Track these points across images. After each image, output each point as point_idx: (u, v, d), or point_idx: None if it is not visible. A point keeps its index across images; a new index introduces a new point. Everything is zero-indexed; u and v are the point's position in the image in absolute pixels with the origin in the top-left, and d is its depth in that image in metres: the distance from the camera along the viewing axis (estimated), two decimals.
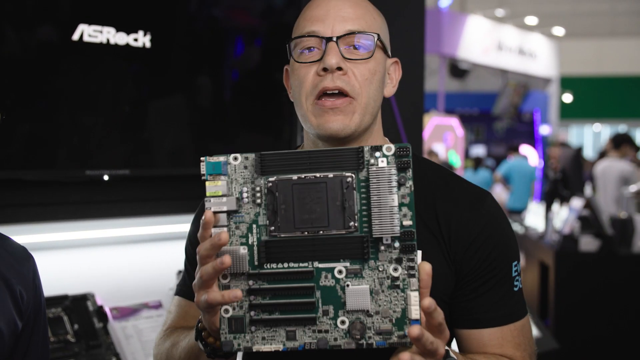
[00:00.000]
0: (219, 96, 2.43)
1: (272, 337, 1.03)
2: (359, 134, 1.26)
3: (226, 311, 1.04)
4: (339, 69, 1.21)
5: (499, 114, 14.09)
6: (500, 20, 14.16)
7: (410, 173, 1.03)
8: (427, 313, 1.00)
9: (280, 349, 1.03)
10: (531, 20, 15.10)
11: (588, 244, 4.51)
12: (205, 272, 1.02)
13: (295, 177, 1.03)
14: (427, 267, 1.01)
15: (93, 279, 2.15)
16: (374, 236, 1.02)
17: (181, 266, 2.30)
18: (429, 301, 0.99)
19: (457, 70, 12.44)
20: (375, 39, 1.24)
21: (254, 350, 1.03)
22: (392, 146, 1.02)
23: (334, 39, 1.22)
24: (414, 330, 0.97)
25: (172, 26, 2.29)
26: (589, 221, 4.64)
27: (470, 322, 1.25)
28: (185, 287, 1.37)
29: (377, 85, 1.25)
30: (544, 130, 14.68)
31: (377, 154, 1.03)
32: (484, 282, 1.24)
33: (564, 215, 5.15)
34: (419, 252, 1.14)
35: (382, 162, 1.03)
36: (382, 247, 1.03)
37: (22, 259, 1.29)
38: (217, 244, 1.00)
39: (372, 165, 1.02)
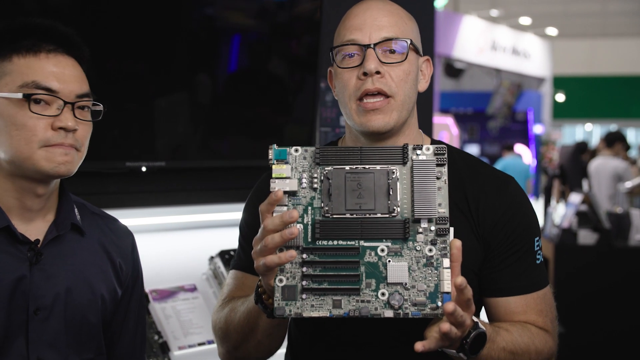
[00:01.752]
0: (251, 93, 2.57)
1: (320, 305, 1.17)
2: (398, 129, 1.41)
3: (280, 280, 1.18)
4: (378, 72, 1.37)
5: (493, 113, 14.26)
6: (495, 21, 14.34)
7: (445, 169, 1.20)
8: (459, 290, 1.15)
9: (327, 316, 1.17)
10: (525, 20, 15.29)
11: (586, 237, 4.69)
12: (272, 241, 1.15)
13: (347, 167, 1.20)
14: (457, 243, 1.18)
15: None
16: (415, 217, 1.18)
17: (213, 252, 2.47)
18: (461, 279, 1.15)
19: (452, 69, 12.59)
20: (408, 44, 1.40)
21: (304, 316, 1.17)
22: (431, 146, 1.21)
23: (372, 45, 1.37)
24: (449, 306, 1.13)
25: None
26: (587, 216, 4.81)
27: (498, 291, 1.41)
28: (240, 262, 1.51)
29: (411, 83, 1.41)
30: (537, 129, 14.87)
31: (419, 151, 1.21)
32: (509, 255, 1.40)
33: (562, 211, 5.32)
34: (452, 229, 1.33)
35: (423, 157, 1.20)
36: (420, 230, 1.19)
37: (123, 236, 1.50)
38: (288, 220, 1.15)
39: (415, 159, 1.20)
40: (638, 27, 17.04)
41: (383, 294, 1.17)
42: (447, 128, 11.45)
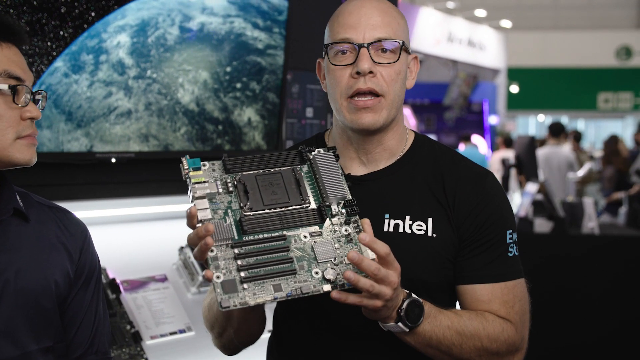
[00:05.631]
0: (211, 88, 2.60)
1: (262, 291, 1.22)
2: (386, 126, 1.47)
3: (218, 277, 1.22)
4: (370, 72, 1.42)
5: (449, 104, 14.46)
6: (451, 12, 14.52)
7: (339, 163, 1.35)
8: (369, 245, 1.24)
9: (272, 299, 1.22)
10: (480, 12, 15.53)
11: (542, 225, 4.84)
12: (192, 242, 1.24)
13: (256, 172, 1.31)
14: (366, 220, 1.29)
15: (103, 254, 2.27)
16: (326, 203, 1.31)
17: (183, 243, 2.49)
18: (363, 235, 1.24)
19: None
20: (400, 44, 1.44)
21: (251, 304, 1.21)
22: (322, 149, 1.37)
23: (366, 45, 1.42)
24: (351, 253, 1.22)
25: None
26: (542, 205, 4.96)
27: (466, 278, 1.46)
28: None
29: (401, 82, 1.47)
30: (492, 120, 15.14)
31: (314, 152, 1.36)
32: (479, 244, 1.46)
33: (518, 200, 5.47)
34: (430, 220, 1.43)
35: (320, 152, 1.36)
36: (334, 213, 1.31)
37: (75, 226, 1.47)
38: (203, 234, 1.21)
39: (313, 156, 1.35)
40: (587, 21, 17.49)
41: (317, 273, 1.26)
42: (405, 119, 11.59)
